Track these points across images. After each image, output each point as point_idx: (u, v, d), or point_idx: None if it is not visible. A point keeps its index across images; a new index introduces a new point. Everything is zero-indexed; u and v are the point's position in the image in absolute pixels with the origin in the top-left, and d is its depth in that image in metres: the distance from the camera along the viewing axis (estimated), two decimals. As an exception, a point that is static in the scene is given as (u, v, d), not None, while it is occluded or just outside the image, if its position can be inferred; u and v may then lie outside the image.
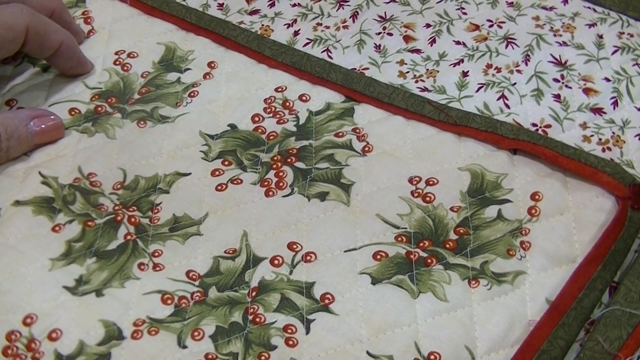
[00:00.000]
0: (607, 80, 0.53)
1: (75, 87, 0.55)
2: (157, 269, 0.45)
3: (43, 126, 0.50)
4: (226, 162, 0.50)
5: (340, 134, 0.51)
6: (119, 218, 0.47)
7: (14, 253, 0.46)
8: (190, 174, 0.50)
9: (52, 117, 0.51)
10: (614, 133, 0.51)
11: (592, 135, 0.51)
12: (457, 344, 0.42)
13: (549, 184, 0.47)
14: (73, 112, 0.53)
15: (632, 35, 0.56)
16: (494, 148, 0.49)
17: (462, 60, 0.55)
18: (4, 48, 0.49)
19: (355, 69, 0.55)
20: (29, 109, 0.52)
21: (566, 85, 0.53)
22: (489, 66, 0.54)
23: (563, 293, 0.43)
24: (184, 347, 0.42)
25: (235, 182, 0.49)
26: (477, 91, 0.53)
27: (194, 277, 0.45)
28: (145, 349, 0.42)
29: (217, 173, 0.50)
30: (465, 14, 0.58)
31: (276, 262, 0.45)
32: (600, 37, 0.56)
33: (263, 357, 0.42)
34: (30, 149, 0.51)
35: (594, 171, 0.46)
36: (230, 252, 0.46)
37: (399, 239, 0.46)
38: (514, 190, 0.47)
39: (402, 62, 0.55)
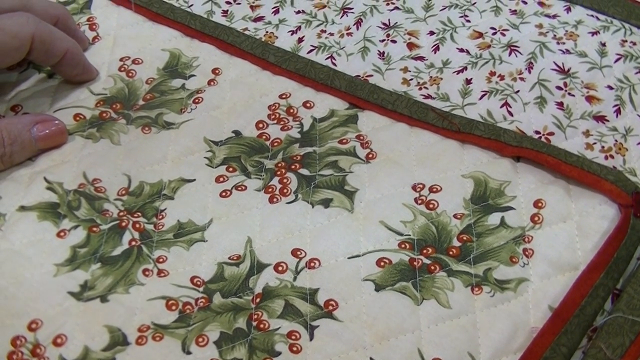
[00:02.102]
0: (610, 88, 0.53)
1: (80, 93, 0.55)
2: (162, 274, 0.45)
3: (47, 131, 0.51)
4: (230, 169, 0.50)
5: (344, 140, 0.51)
6: (123, 224, 0.48)
7: (19, 258, 0.46)
8: (194, 180, 0.50)
9: (55, 122, 0.51)
10: (616, 141, 0.51)
11: (594, 143, 0.51)
12: (460, 351, 0.42)
13: (551, 192, 0.47)
14: (78, 118, 0.53)
15: (635, 43, 0.56)
16: (497, 155, 0.50)
17: (466, 68, 0.55)
18: (9, 56, 0.50)
19: (359, 76, 0.55)
20: (33, 114, 0.52)
21: (569, 93, 0.53)
22: (492, 74, 0.54)
23: (566, 300, 0.43)
24: (189, 353, 0.42)
25: (239, 188, 0.49)
26: (480, 99, 0.53)
27: (199, 283, 0.45)
28: (149, 354, 0.42)
29: (221, 179, 0.50)
30: (468, 21, 0.58)
31: (280, 268, 0.45)
32: (603, 45, 0.56)
33: (267, 363, 0.42)
34: (34, 154, 0.51)
35: (596, 179, 0.47)
36: (235, 258, 0.46)
37: (403, 245, 0.46)
38: (517, 197, 0.48)
39: (405, 70, 0.55)
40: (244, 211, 0.48)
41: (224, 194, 0.49)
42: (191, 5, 0.61)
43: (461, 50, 0.56)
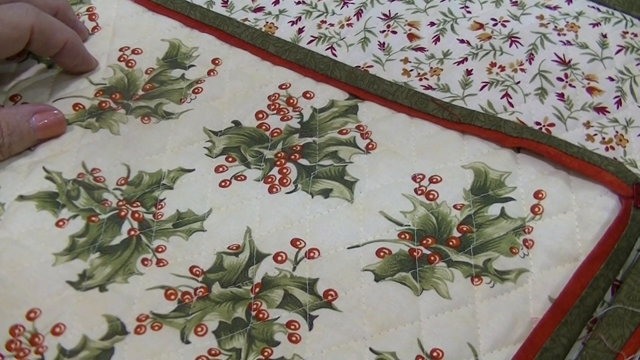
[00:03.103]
0: (611, 79, 0.53)
1: (79, 83, 0.55)
2: (161, 264, 0.45)
3: (45, 121, 0.51)
4: (230, 159, 0.50)
5: (344, 131, 0.51)
6: (122, 213, 0.47)
7: (18, 248, 0.46)
8: (194, 170, 0.50)
9: (54, 112, 0.51)
10: (617, 132, 0.51)
11: (595, 135, 0.51)
12: (460, 341, 0.42)
13: (552, 183, 0.47)
14: (77, 108, 0.53)
15: (635, 35, 0.56)
16: (498, 146, 0.49)
17: (466, 59, 0.55)
18: (9, 47, 0.49)
19: (359, 66, 0.55)
20: (31, 104, 0.52)
21: (570, 84, 0.53)
22: (493, 65, 0.54)
23: (566, 291, 0.43)
24: (187, 342, 0.42)
25: (238, 178, 0.49)
26: (480, 89, 0.53)
27: (198, 272, 0.45)
28: (148, 344, 0.42)
29: (220, 169, 0.50)
30: (469, 12, 0.58)
31: (279, 258, 0.45)
32: (604, 36, 0.56)
33: (266, 353, 0.42)
34: (32, 144, 0.51)
35: (597, 170, 0.46)
36: (234, 248, 0.46)
37: (402, 236, 0.46)
38: (517, 188, 0.47)
39: (406, 60, 0.55)
40: (243, 201, 0.48)
41: (223, 183, 0.49)
42: (191, -5, 0.61)
43: (462, 41, 0.56)
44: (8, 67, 0.56)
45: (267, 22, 0.59)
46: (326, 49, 0.56)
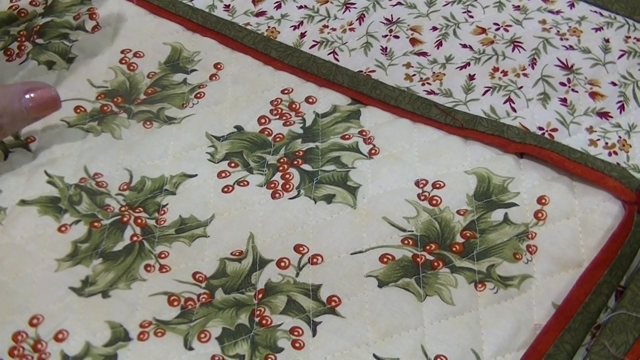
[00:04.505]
0: (614, 84, 0.53)
1: (80, 85, 0.55)
2: (164, 270, 0.45)
3: (39, 99, 0.48)
4: (232, 164, 0.50)
5: (347, 136, 0.51)
6: (125, 219, 0.47)
7: (20, 253, 0.46)
8: (196, 175, 0.50)
9: (47, 88, 0.49)
10: (620, 137, 0.51)
11: (598, 140, 0.51)
12: (464, 347, 0.42)
13: (555, 188, 0.47)
14: (79, 110, 0.53)
15: (638, 40, 0.56)
16: (501, 152, 0.49)
17: (469, 64, 0.55)
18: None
19: (362, 71, 0.55)
20: (23, 83, 0.49)
21: (572, 89, 0.53)
22: (496, 69, 0.54)
23: (569, 297, 0.43)
24: (190, 348, 0.42)
25: (241, 184, 0.49)
26: (483, 94, 0.53)
27: (200, 278, 0.45)
28: (151, 350, 0.42)
29: (223, 175, 0.50)
30: (471, 17, 0.58)
31: (282, 264, 0.45)
32: (607, 41, 0.56)
33: (270, 359, 0.42)
34: (28, 124, 0.49)
35: (600, 175, 0.46)
36: (237, 254, 0.46)
37: (406, 242, 0.46)
38: (520, 194, 0.47)
39: (408, 65, 0.55)
40: (246, 207, 0.48)
41: (226, 189, 0.49)
42: (193, -1, 0.61)
43: (464, 46, 0.56)
44: (8, 69, 0.56)
45: (269, 27, 0.59)
46: (328, 54, 0.56)
